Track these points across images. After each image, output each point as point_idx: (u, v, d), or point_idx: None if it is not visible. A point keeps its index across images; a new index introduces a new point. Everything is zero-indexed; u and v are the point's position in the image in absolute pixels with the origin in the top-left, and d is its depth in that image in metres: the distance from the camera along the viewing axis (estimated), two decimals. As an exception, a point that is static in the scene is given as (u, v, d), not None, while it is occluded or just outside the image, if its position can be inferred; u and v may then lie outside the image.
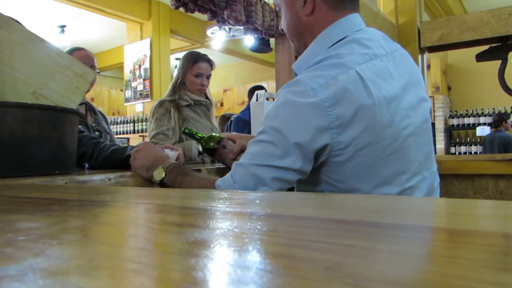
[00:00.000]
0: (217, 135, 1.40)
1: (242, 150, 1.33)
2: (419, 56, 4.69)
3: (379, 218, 0.28)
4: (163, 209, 0.33)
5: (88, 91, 1.93)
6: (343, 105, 0.85)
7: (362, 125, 0.86)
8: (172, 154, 1.32)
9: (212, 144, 1.36)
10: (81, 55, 1.97)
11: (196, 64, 2.23)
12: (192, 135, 1.46)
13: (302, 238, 0.21)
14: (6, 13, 1.16)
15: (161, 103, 2.15)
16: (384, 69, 0.93)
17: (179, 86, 2.22)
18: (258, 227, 0.24)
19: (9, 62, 1.07)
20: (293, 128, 0.88)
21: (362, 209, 0.33)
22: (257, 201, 0.37)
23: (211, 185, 0.96)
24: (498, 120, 6.19)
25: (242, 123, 3.05)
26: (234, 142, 1.36)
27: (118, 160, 1.38)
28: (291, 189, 1.03)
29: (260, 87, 3.02)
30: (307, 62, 0.99)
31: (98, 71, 2.03)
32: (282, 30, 1.12)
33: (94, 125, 2.03)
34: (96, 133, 2.02)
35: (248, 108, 2.85)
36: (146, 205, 0.36)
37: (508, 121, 6.19)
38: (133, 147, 1.41)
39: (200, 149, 1.61)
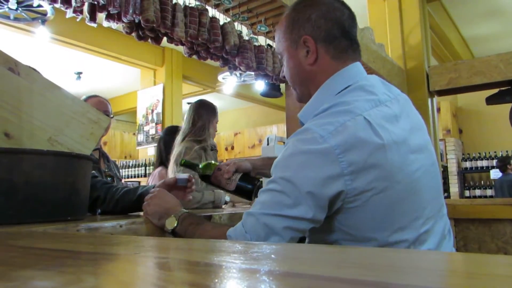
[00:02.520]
0: (215, 163, 1.41)
1: (237, 170, 1.34)
2: (429, 100, 4.72)
3: (399, 279, 0.27)
4: (177, 265, 0.33)
5: (102, 136, 1.97)
6: (355, 151, 0.84)
7: (376, 169, 0.85)
8: (182, 176, 1.34)
9: (208, 171, 1.38)
10: (95, 102, 2.03)
11: (216, 114, 2.48)
12: (190, 165, 1.50)
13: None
14: (25, 60, 1.20)
15: (191, 147, 2.27)
16: (390, 114, 0.93)
17: (207, 132, 2.39)
18: (273, 286, 0.24)
19: (28, 110, 1.10)
20: (303, 177, 0.87)
21: (381, 267, 0.32)
22: (273, 256, 0.37)
23: (223, 235, 0.94)
24: (503, 165, 6.14)
25: None
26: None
27: (130, 201, 1.38)
28: (302, 238, 1.01)
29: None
30: (313, 110, 0.99)
31: (112, 116, 2.08)
32: (284, 77, 1.13)
33: (106, 170, 2.06)
34: (109, 178, 2.05)
35: None
36: (159, 259, 0.35)
37: (512, 162, 6.15)
38: (144, 187, 1.42)
39: (225, 198, 1.64)
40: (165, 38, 2.14)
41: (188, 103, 9.52)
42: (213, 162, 1.43)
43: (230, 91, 7.30)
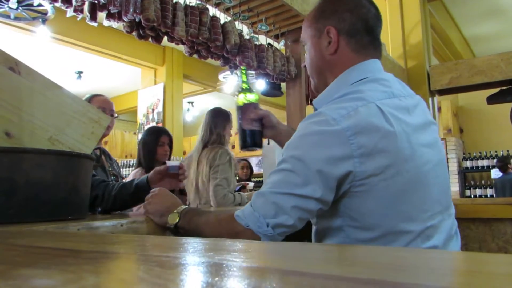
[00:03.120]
0: (257, 100, 1.40)
1: (263, 120, 1.36)
2: (430, 99, 4.72)
3: (404, 278, 0.27)
4: (178, 263, 0.32)
5: (105, 135, 1.98)
6: (366, 134, 0.86)
7: (385, 155, 0.87)
8: (174, 164, 1.35)
9: (247, 101, 1.38)
10: (100, 101, 2.03)
11: (230, 120, 2.67)
12: (249, 88, 1.43)
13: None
14: (26, 59, 1.20)
15: (227, 153, 2.50)
16: (403, 106, 0.96)
17: (224, 139, 2.61)
18: (277, 287, 0.23)
19: (29, 109, 1.10)
20: (314, 155, 0.88)
21: (385, 266, 0.32)
22: (275, 255, 0.37)
23: (230, 217, 0.95)
24: (503, 165, 6.14)
25: None
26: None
27: (128, 193, 1.38)
28: (309, 225, 1.02)
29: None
30: (328, 98, 1.02)
31: (116, 115, 2.09)
32: (305, 66, 1.15)
33: (110, 169, 2.05)
34: (113, 177, 2.03)
35: None
36: (160, 258, 0.35)
37: (512, 162, 6.15)
38: (139, 178, 1.43)
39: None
40: (165, 37, 2.14)
41: (189, 102, 9.51)
42: (255, 98, 1.39)
43: (231, 90, 7.30)
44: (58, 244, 0.50)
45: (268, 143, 1.41)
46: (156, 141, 2.69)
